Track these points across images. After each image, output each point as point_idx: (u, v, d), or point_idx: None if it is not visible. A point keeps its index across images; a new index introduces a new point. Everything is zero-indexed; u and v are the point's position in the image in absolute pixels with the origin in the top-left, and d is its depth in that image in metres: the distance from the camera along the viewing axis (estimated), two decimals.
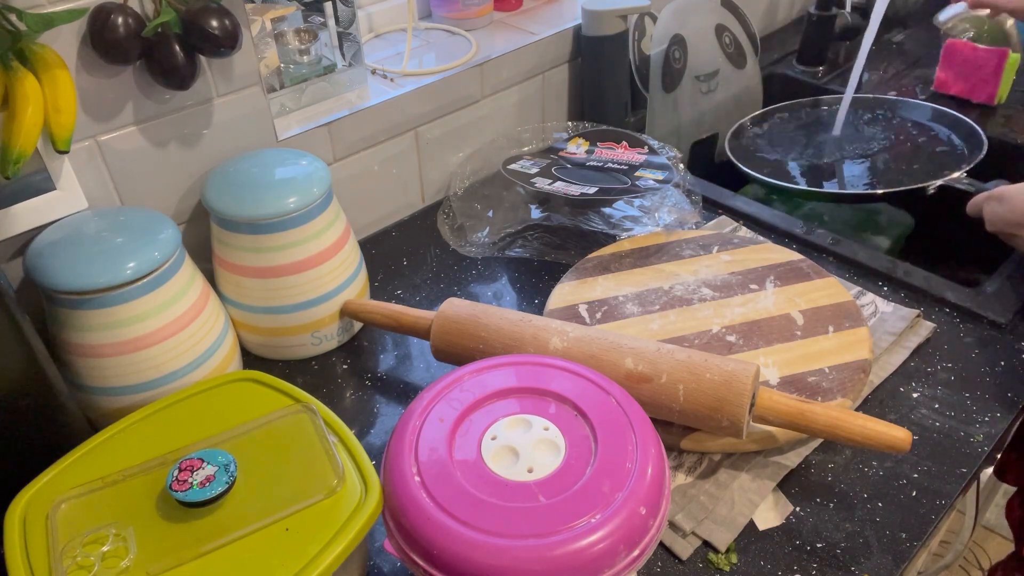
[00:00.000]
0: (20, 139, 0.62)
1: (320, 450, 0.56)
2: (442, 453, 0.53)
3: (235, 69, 0.78)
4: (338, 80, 0.93)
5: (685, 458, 0.69)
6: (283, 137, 0.85)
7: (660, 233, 0.91)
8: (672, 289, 0.84)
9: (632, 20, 1.09)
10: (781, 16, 1.46)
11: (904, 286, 0.86)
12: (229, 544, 0.50)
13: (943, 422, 0.71)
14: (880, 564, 0.61)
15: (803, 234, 0.93)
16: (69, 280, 0.64)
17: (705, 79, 1.15)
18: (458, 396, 0.57)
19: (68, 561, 0.49)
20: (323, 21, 0.92)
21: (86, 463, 0.57)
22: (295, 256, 0.75)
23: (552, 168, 0.95)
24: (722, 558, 0.62)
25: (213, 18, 0.68)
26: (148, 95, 0.73)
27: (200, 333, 0.71)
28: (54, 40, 0.65)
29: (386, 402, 0.78)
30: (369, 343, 0.85)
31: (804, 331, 0.77)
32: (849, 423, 0.61)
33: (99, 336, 0.66)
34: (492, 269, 0.93)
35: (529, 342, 0.69)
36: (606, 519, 0.49)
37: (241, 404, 0.61)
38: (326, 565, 0.49)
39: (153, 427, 0.60)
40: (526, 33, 1.06)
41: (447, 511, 0.50)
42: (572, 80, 1.12)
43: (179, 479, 0.52)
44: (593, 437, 0.54)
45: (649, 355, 0.66)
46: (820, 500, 0.66)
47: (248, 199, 0.74)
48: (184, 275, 0.70)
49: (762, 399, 0.63)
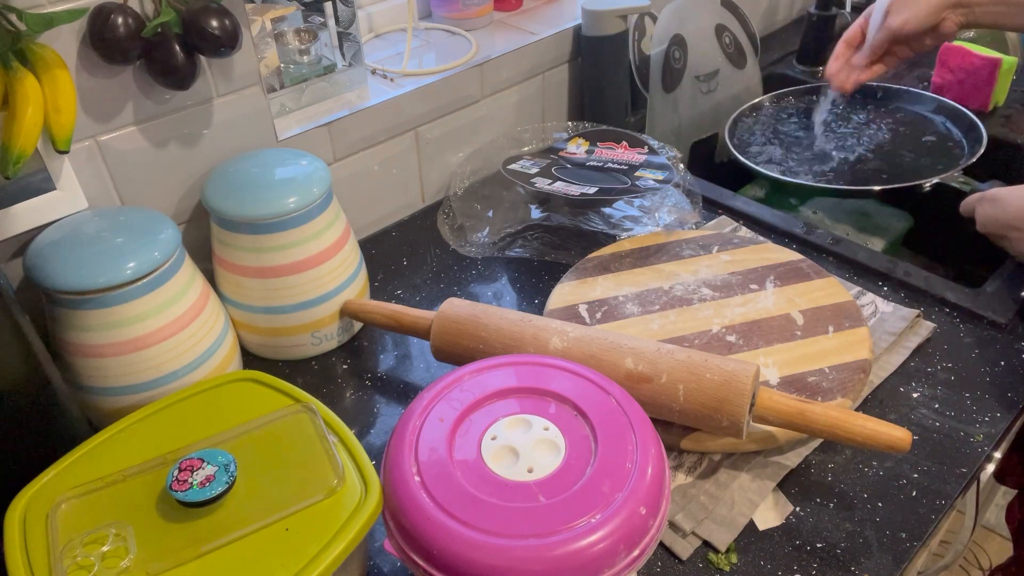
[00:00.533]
0: (20, 139, 0.62)
1: (320, 450, 0.56)
2: (442, 453, 0.53)
3: (235, 69, 0.78)
4: (338, 80, 0.93)
5: (685, 458, 0.69)
6: (283, 137, 0.85)
7: (660, 233, 0.91)
8: (672, 289, 0.83)
9: (632, 20, 1.09)
10: (781, 16, 1.46)
11: (904, 286, 0.86)
12: (229, 544, 0.50)
13: (943, 422, 0.71)
14: (880, 564, 0.61)
15: (803, 234, 0.93)
16: (69, 280, 0.64)
17: (705, 79, 1.15)
18: (458, 396, 0.57)
19: (68, 561, 0.49)
20: (323, 21, 0.92)
21: (86, 463, 0.57)
22: (295, 256, 0.75)
23: (552, 168, 0.95)
24: (722, 558, 0.62)
25: (213, 18, 0.68)
26: (148, 95, 0.73)
27: (200, 333, 0.71)
28: (54, 40, 0.65)
29: (386, 402, 0.78)
30: (369, 343, 0.85)
31: (804, 331, 0.77)
32: (849, 423, 0.61)
33: (99, 336, 0.66)
34: (492, 269, 0.93)
35: (529, 342, 0.69)
36: (606, 519, 0.49)
37: (241, 404, 0.61)
38: (326, 565, 0.49)
39: (153, 427, 0.60)
40: (526, 33, 1.06)
41: (447, 511, 0.50)
42: (572, 80, 1.12)
43: (179, 479, 0.52)
44: (593, 437, 0.54)
45: (649, 355, 0.66)
46: (820, 500, 0.66)
47: (248, 199, 0.74)
48: (184, 275, 0.70)
49: (762, 399, 0.63)
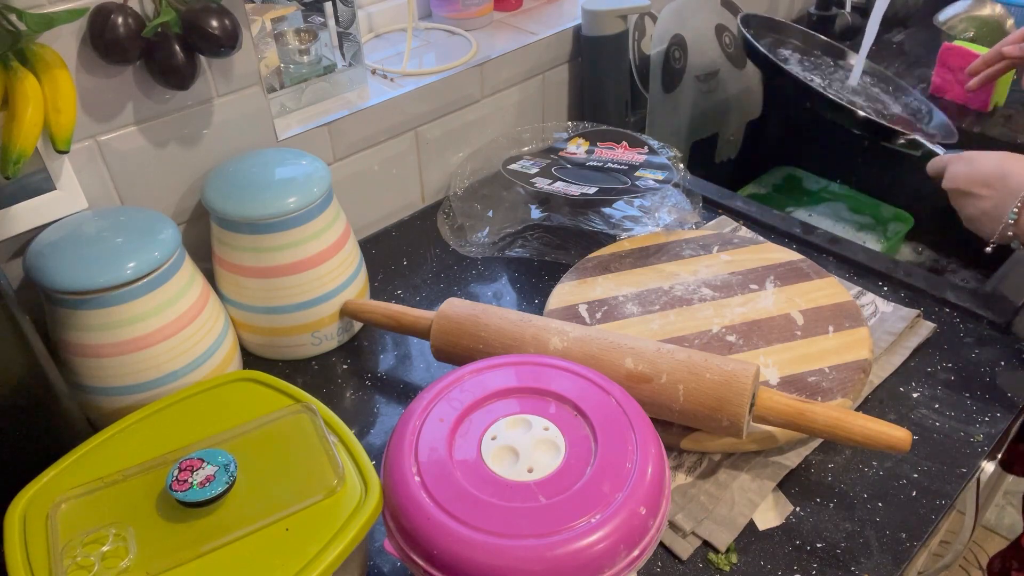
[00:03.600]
0: (20, 139, 0.62)
1: (320, 450, 0.56)
2: (442, 453, 0.53)
3: (235, 69, 0.78)
4: (338, 80, 0.93)
5: (685, 458, 0.69)
6: (283, 137, 0.85)
7: (660, 233, 0.91)
8: (672, 289, 0.83)
9: (632, 20, 1.10)
10: (781, 16, 1.46)
11: (904, 286, 0.86)
12: (229, 544, 0.50)
13: (943, 422, 0.71)
14: (880, 564, 0.61)
15: (803, 234, 0.93)
16: (69, 280, 0.64)
17: (705, 79, 1.15)
18: (458, 396, 0.57)
19: (68, 561, 0.49)
20: (323, 21, 0.92)
21: (86, 463, 0.57)
22: (295, 256, 0.75)
23: (552, 168, 0.95)
24: (722, 558, 0.62)
25: (213, 18, 0.68)
26: (148, 95, 0.73)
27: (200, 333, 0.71)
28: (54, 40, 0.65)
29: (386, 402, 0.78)
30: (369, 343, 0.85)
31: (804, 331, 0.77)
32: (849, 423, 0.61)
33: (99, 336, 0.66)
34: (492, 269, 0.93)
35: (529, 342, 0.69)
36: (606, 519, 0.49)
37: (241, 404, 0.61)
38: (326, 565, 0.49)
39: (153, 427, 0.60)
40: (526, 33, 1.06)
41: (447, 511, 0.50)
42: (572, 80, 1.12)
43: (179, 479, 0.52)
44: (593, 437, 0.54)
45: (649, 355, 0.66)
46: (820, 500, 0.66)
47: (248, 199, 0.74)
48: (184, 275, 0.70)
49: (762, 399, 0.63)
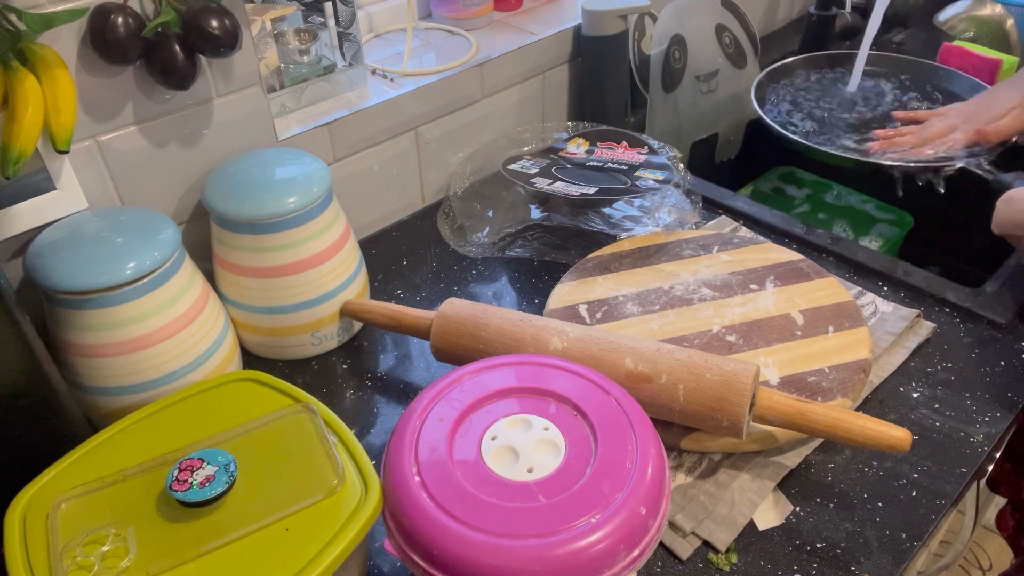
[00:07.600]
0: (20, 139, 0.62)
1: (320, 450, 0.56)
2: (442, 453, 0.53)
3: (235, 69, 0.78)
4: (338, 80, 0.93)
5: (685, 458, 0.69)
6: (283, 137, 0.85)
7: (660, 233, 0.91)
8: (672, 289, 0.83)
9: (632, 20, 1.09)
10: (781, 16, 1.46)
11: (904, 286, 0.86)
12: (229, 544, 0.50)
13: (943, 422, 0.71)
14: (880, 564, 0.61)
15: (803, 234, 0.93)
16: (69, 280, 0.64)
17: (705, 79, 1.15)
18: (458, 396, 0.57)
19: (68, 561, 0.49)
20: (323, 21, 0.92)
21: (86, 463, 0.57)
22: (295, 256, 0.75)
23: (552, 168, 0.95)
24: (722, 558, 0.62)
25: (213, 18, 0.68)
26: (148, 95, 0.73)
27: (200, 333, 0.71)
28: (54, 40, 0.65)
29: (386, 402, 0.78)
30: (369, 343, 0.85)
31: (804, 331, 0.77)
32: (849, 423, 0.61)
33: (99, 336, 0.66)
34: (492, 269, 0.93)
35: (529, 342, 0.69)
36: (606, 519, 0.49)
37: (241, 404, 0.61)
38: (326, 565, 0.49)
39: (153, 427, 0.60)
40: (526, 33, 1.06)
41: (447, 511, 0.50)
42: (572, 80, 1.12)
43: (179, 479, 0.52)
44: (593, 437, 0.54)
45: (649, 355, 0.66)
46: (820, 500, 0.66)
47: (248, 199, 0.74)
48: (184, 275, 0.70)
49: (762, 399, 0.63)
